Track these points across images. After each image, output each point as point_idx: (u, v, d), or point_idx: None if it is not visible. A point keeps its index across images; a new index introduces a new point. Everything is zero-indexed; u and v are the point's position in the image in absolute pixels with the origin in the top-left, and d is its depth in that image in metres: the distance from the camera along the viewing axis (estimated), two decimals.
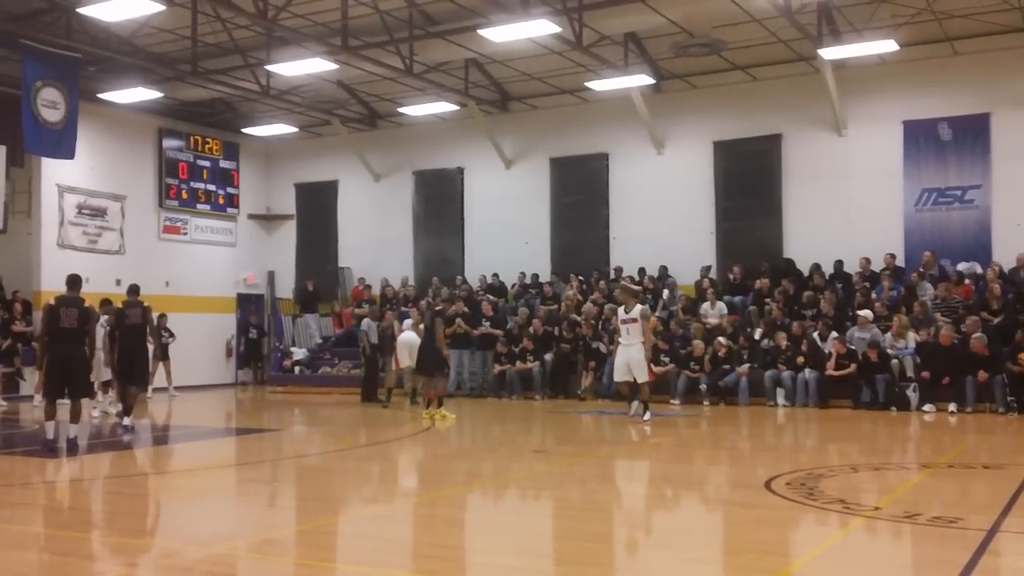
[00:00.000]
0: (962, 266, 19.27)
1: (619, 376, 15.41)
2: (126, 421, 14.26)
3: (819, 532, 7.49)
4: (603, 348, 19.56)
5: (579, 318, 20.50)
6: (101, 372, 16.00)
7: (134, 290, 15.04)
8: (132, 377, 14.54)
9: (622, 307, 15.38)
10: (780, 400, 17.67)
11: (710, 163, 22.16)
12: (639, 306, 15.23)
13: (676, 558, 6.72)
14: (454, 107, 23.42)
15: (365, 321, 20.71)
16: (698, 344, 18.65)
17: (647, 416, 14.86)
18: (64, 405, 12.04)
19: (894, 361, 17.07)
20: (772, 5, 16.85)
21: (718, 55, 20.00)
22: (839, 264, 20.23)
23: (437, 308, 17.07)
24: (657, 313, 20.76)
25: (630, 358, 14.88)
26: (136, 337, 14.34)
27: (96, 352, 16.76)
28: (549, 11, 16.95)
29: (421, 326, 16.92)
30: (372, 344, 19.87)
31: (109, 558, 7.03)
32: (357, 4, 18.30)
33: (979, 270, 19.00)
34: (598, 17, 17.91)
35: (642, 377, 14.95)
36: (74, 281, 12.30)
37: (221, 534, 7.79)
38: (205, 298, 25.49)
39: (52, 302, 12.04)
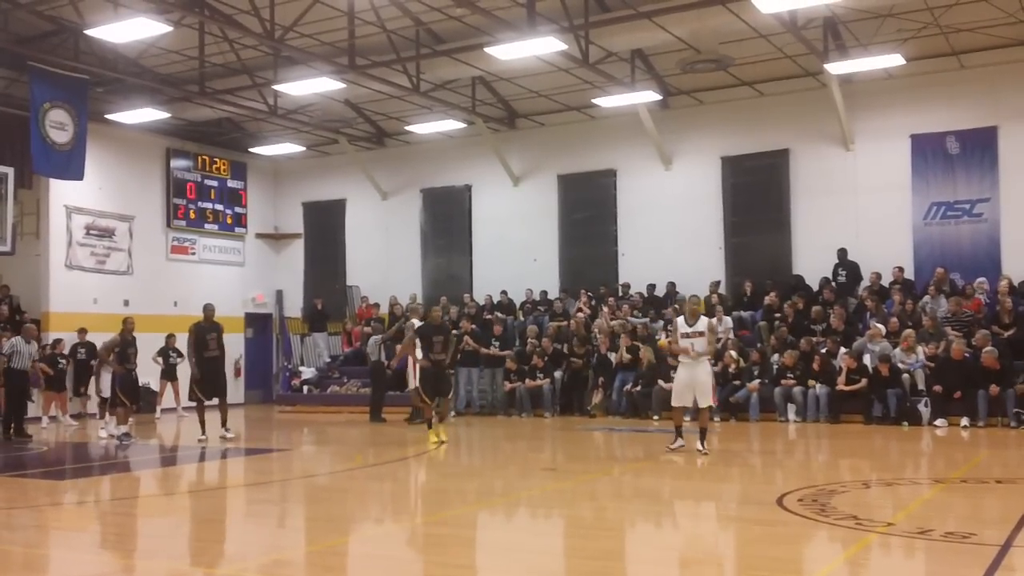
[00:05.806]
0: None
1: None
2: None
3: (832, 548, 7.44)
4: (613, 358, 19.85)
5: (595, 332, 20.53)
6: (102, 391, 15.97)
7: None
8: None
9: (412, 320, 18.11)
10: (791, 416, 17.61)
11: (718, 179, 22.15)
12: (414, 320, 18.04)
13: None
14: (461, 125, 23.47)
15: (372, 339, 20.70)
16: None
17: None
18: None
19: (905, 375, 17.00)
20: (778, 21, 16.85)
21: (725, 71, 20.02)
22: (851, 278, 20.14)
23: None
24: (667, 331, 20.74)
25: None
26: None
27: (96, 371, 16.79)
28: (555, 29, 16.96)
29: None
30: (378, 362, 19.86)
31: None
32: (364, 23, 18.37)
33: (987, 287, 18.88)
34: (604, 34, 17.94)
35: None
36: None
37: (230, 555, 7.77)
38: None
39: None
